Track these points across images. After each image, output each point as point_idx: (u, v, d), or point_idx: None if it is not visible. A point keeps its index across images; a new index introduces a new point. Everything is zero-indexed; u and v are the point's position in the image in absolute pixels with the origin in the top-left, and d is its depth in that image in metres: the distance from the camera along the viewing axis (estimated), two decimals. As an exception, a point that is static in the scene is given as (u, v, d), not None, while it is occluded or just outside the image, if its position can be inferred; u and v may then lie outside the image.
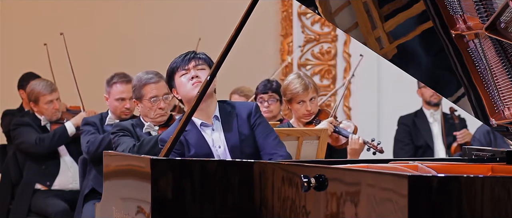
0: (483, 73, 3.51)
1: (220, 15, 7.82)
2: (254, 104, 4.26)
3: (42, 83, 6.39)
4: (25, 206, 6.28)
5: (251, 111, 4.20)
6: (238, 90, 6.91)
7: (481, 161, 3.82)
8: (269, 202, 3.40)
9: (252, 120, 4.19)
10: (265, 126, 4.21)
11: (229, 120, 4.15)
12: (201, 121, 4.13)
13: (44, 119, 6.34)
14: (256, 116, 4.20)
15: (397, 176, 2.79)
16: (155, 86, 5.01)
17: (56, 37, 6.87)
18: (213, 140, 4.12)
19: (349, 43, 8.29)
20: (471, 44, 3.48)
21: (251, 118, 4.18)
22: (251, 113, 4.19)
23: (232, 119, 4.15)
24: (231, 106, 4.21)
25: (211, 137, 4.13)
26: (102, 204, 4.10)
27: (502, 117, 3.57)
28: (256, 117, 4.20)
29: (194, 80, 4.09)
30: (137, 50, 8.08)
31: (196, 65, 4.12)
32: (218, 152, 4.12)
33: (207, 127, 4.14)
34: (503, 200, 2.72)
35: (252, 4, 3.79)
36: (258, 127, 4.19)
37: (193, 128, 4.10)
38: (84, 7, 8.12)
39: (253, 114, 4.20)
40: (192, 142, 4.09)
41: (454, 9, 3.44)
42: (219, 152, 4.11)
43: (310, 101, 5.26)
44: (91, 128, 5.56)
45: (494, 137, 6.77)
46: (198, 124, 4.13)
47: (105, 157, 4.06)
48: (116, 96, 5.60)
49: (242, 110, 4.19)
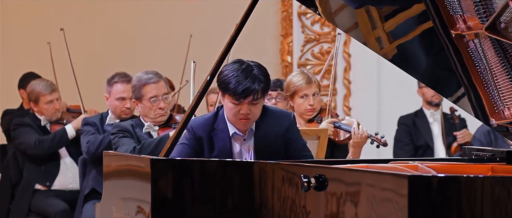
0: (483, 73, 3.51)
1: (220, 15, 7.82)
2: (292, 115, 4.03)
3: (42, 83, 6.39)
4: (25, 206, 6.27)
5: (290, 124, 3.97)
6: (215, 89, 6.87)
7: (481, 161, 3.82)
8: (269, 202, 3.40)
9: (289, 135, 3.96)
10: (300, 142, 4.01)
11: (263, 131, 3.92)
12: (235, 131, 3.91)
13: (44, 119, 6.33)
14: (293, 130, 3.98)
15: (397, 176, 2.79)
16: (155, 86, 5.01)
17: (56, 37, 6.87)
18: (241, 151, 3.93)
19: (349, 43, 8.29)
20: (471, 44, 3.48)
21: (288, 133, 3.96)
22: (289, 126, 3.96)
23: (268, 131, 3.92)
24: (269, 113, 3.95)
25: (240, 147, 3.94)
26: (102, 204, 4.10)
27: (502, 117, 3.57)
28: (293, 131, 3.99)
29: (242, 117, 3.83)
30: (138, 50, 8.07)
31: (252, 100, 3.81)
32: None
33: (239, 137, 3.93)
34: (503, 200, 2.72)
35: (252, 4, 3.79)
36: (293, 143, 3.97)
37: (224, 133, 3.90)
38: (84, 7, 8.11)
39: (291, 128, 3.97)
40: (218, 144, 3.90)
41: (454, 9, 3.44)
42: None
43: (313, 97, 5.21)
44: (91, 128, 5.56)
45: (494, 137, 6.77)
46: (231, 132, 3.91)
47: (105, 157, 4.06)
48: (116, 96, 5.60)
49: (280, 123, 3.95)
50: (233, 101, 3.81)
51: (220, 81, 3.83)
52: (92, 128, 5.56)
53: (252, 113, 3.84)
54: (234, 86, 3.76)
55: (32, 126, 6.29)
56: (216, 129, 3.92)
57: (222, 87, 3.82)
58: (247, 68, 3.80)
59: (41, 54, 7.28)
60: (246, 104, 3.80)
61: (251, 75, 3.78)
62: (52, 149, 6.24)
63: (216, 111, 3.97)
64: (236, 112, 3.83)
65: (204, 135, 3.91)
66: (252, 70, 3.80)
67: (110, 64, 7.20)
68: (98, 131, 5.56)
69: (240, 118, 3.84)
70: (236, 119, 3.86)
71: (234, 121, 3.88)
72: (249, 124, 3.89)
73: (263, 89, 3.82)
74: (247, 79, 3.78)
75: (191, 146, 3.93)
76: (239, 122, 3.86)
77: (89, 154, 5.51)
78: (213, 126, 3.93)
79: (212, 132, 3.91)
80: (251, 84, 3.77)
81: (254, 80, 3.78)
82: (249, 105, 3.81)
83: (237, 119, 3.85)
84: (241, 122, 3.86)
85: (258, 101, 3.82)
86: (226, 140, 3.91)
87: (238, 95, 3.77)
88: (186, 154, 3.90)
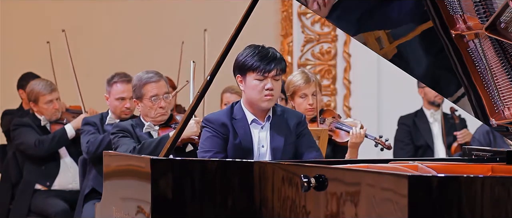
0: (483, 73, 3.52)
1: (221, 15, 7.82)
2: (304, 115, 4.27)
3: (41, 83, 6.38)
4: (25, 206, 6.27)
5: (301, 120, 4.20)
6: (229, 89, 6.86)
7: (481, 161, 3.82)
8: (269, 202, 3.40)
9: (299, 129, 4.18)
10: (309, 138, 4.22)
11: (278, 123, 4.13)
12: (254, 117, 4.11)
13: (44, 119, 6.33)
14: (303, 126, 4.21)
15: (397, 176, 2.79)
16: (156, 85, 5.01)
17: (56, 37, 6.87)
18: (259, 138, 4.11)
19: (349, 43, 8.29)
20: (471, 44, 3.48)
21: (299, 127, 4.18)
22: (300, 122, 4.19)
23: (282, 123, 4.14)
24: (282, 110, 4.19)
25: (258, 135, 4.12)
26: (102, 204, 4.10)
27: (502, 117, 3.57)
28: (303, 128, 4.20)
29: (267, 92, 4.04)
30: (138, 49, 8.07)
31: (275, 75, 4.04)
32: (260, 150, 4.11)
33: (257, 124, 4.13)
34: (503, 200, 2.72)
35: (252, 4, 3.79)
36: (303, 138, 4.19)
37: (243, 121, 4.09)
38: (85, 7, 8.11)
39: (302, 124, 4.20)
40: (240, 132, 4.08)
41: (454, 9, 3.44)
42: (261, 151, 4.11)
43: (312, 96, 5.22)
44: (91, 128, 5.56)
45: (493, 137, 6.77)
46: (249, 120, 4.10)
47: (105, 157, 4.06)
48: (116, 96, 5.60)
49: (292, 117, 4.18)
50: (258, 77, 4.02)
51: (240, 64, 4.04)
52: (92, 127, 5.56)
53: (275, 88, 4.04)
54: (258, 62, 4.00)
55: (32, 126, 6.29)
56: (235, 118, 4.08)
57: (245, 67, 4.02)
58: (263, 49, 4.05)
59: (41, 54, 7.28)
60: (270, 78, 4.01)
61: (269, 53, 4.03)
62: (52, 149, 6.23)
63: (231, 105, 4.15)
64: (261, 88, 4.03)
65: (227, 122, 4.08)
66: (269, 50, 4.05)
67: (111, 64, 7.20)
68: (98, 131, 5.56)
69: (265, 94, 4.03)
70: (261, 96, 4.04)
71: (258, 98, 4.05)
72: (273, 101, 4.08)
73: (283, 68, 4.06)
74: (267, 56, 4.02)
75: (220, 136, 4.07)
76: (264, 98, 4.04)
77: (89, 154, 5.51)
78: (232, 116, 4.11)
79: (232, 121, 4.09)
80: (272, 60, 4.01)
81: (274, 57, 4.03)
82: (272, 80, 4.02)
83: (262, 96, 4.04)
84: (266, 98, 4.04)
85: (279, 77, 4.06)
86: (246, 127, 4.09)
87: (263, 69, 3.99)
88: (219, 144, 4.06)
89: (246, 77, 4.04)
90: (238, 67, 4.06)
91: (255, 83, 4.03)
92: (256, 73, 4.01)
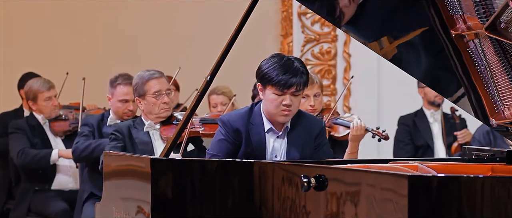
0: (483, 73, 3.52)
1: (221, 15, 7.81)
2: (324, 123, 4.19)
3: (39, 81, 6.38)
4: (25, 206, 6.27)
5: (321, 131, 4.09)
6: (216, 90, 6.84)
7: (481, 161, 3.82)
8: (269, 202, 3.40)
9: (318, 141, 4.08)
10: (327, 151, 4.12)
11: (297, 134, 4.02)
12: (271, 126, 3.99)
13: (43, 118, 6.31)
14: (323, 137, 4.11)
15: (397, 176, 2.79)
16: (158, 81, 5.01)
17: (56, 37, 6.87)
18: (273, 148, 4.01)
19: (349, 43, 8.29)
20: (471, 44, 3.48)
21: (318, 138, 4.08)
22: (320, 132, 4.08)
23: (301, 134, 4.03)
24: (301, 118, 4.06)
25: (273, 144, 4.01)
26: (102, 204, 4.10)
27: (502, 117, 3.57)
28: (322, 138, 4.11)
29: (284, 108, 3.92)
30: (139, 50, 8.07)
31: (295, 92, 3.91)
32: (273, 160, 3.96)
33: (273, 133, 4.02)
34: (503, 200, 2.73)
35: (252, 4, 3.79)
36: (321, 149, 4.08)
37: (259, 128, 3.98)
38: (85, 6, 8.11)
39: (321, 134, 4.10)
40: (254, 139, 3.97)
41: (454, 9, 3.44)
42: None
43: (314, 97, 5.20)
44: (86, 130, 5.53)
45: (493, 137, 6.76)
46: (266, 128, 3.99)
47: (105, 157, 4.06)
48: (119, 98, 5.58)
49: (313, 126, 4.07)
50: (276, 92, 3.90)
51: (262, 74, 3.92)
52: (88, 129, 5.53)
53: (293, 104, 3.93)
54: (278, 77, 3.88)
55: (25, 131, 6.24)
56: (252, 123, 3.99)
57: (265, 79, 3.91)
58: (288, 61, 3.92)
59: (41, 54, 7.27)
60: (288, 94, 3.90)
61: (293, 67, 3.90)
62: (32, 165, 6.16)
63: (251, 106, 4.06)
64: (278, 103, 3.92)
65: (241, 128, 3.98)
66: (294, 63, 3.92)
67: (112, 64, 7.20)
68: (93, 134, 5.54)
69: (282, 109, 3.93)
70: (278, 111, 3.94)
71: (275, 112, 3.95)
72: (290, 116, 3.97)
73: (305, 82, 3.93)
74: (290, 70, 3.88)
75: (231, 141, 3.99)
76: (281, 113, 3.94)
77: (74, 156, 5.54)
78: (249, 120, 4.00)
79: (248, 126, 3.99)
80: (294, 75, 3.88)
81: (297, 72, 3.89)
82: (291, 96, 3.91)
83: (278, 111, 3.94)
84: (283, 113, 3.94)
85: (299, 93, 3.94)
86: (261, 134, 3.99)
87: (282, 85, 3.88)
88: (227, 150, 3.97)
89: (266, 89, 3.93)
90: (260, 76, 3.94)
91: (273, 97, 3.92)
92: (275, 88, 3.90)
